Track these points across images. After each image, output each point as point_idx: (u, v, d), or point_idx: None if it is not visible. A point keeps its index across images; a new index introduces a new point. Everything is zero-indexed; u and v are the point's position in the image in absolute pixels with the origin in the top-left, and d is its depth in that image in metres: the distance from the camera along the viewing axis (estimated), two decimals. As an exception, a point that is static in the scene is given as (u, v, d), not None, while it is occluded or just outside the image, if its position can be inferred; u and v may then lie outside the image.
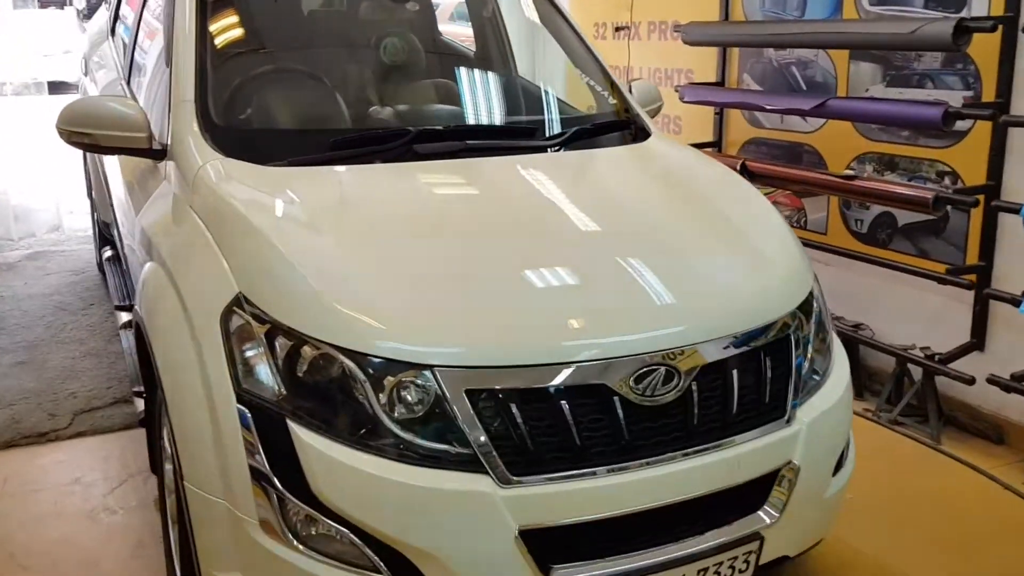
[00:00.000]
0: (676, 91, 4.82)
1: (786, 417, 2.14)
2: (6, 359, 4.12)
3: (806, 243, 4.32)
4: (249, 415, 1.94)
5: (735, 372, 2.08)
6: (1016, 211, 3.28)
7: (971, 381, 3.48)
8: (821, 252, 4.17)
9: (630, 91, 3.30)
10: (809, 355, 2.27)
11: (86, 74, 4.70)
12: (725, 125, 4.89)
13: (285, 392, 1.94)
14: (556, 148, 2.80)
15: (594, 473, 1.91)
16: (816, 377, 2.28)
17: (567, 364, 1.92)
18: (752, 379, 2.11)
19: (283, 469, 1.90)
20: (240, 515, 1.94)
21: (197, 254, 2.24)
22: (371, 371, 1.89)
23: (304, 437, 1.89)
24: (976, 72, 3.49)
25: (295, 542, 1.90)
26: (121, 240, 3.67)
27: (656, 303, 2.09)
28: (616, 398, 1.94)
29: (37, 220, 6.03)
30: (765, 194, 4.50)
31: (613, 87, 3.20)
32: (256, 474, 1.92)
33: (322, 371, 1.93)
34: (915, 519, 3.00)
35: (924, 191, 3.48)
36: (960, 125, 3.48)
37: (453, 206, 2.43)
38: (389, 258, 2.12)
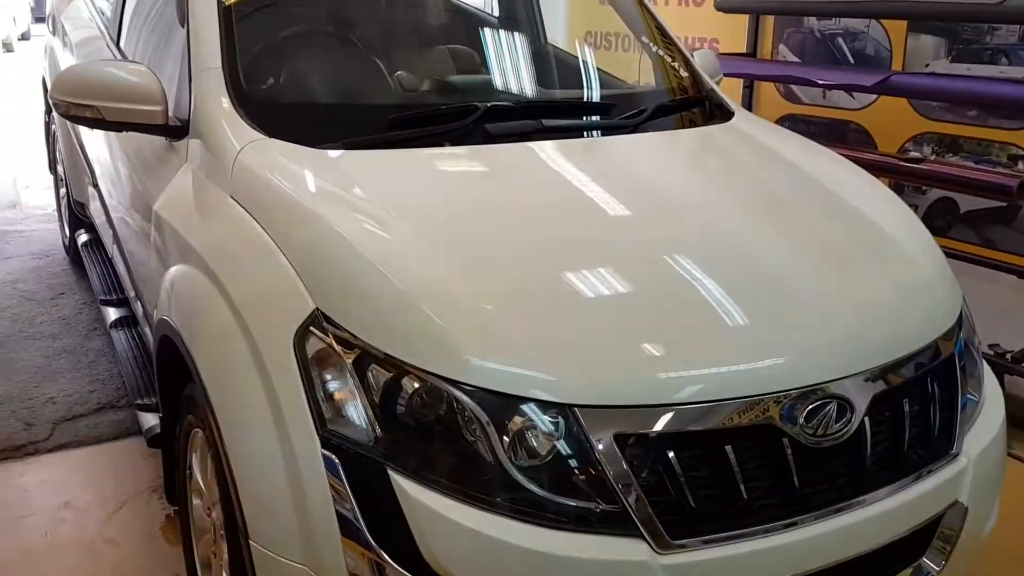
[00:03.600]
0: (704, 63, 4.48)
1: (953, 450, 1.84)
2: (-32, 358, 3.64)
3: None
4: (338, 463, 1.56)
5: (905, 402, 1.76)
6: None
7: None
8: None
9: (693, 62, 2.95)
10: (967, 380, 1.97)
11: (55, 33, 4.17)
12: (756, 99, 4.57)
13: (382, 434, 1.56)
14: (635, 128, 2.43)
15: (766, 532, 1.58)
16: (974, 400, 1.98)
17: (731, 400, 1.58)
18: (920, 409, 1.80)
19: (383, 529, 1.54)
20: (327, 585, 1.57)
21: (250, 256, 1.84)
22: (490, 409, 1.52)
23: (410, 491, 1.52)
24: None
25: (400, 620, 1.54)
26: (112, 225, 3.20)
27: (818, 324, 1.75)
28: (785, 439, 1.61)
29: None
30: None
31: (686, 61, 2.84)
32: (349, 534, 1.55)
33: (429, 409, 1.56)
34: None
35: (1007, 177, 3.20)
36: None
37: (553, 201, 2.02)
38: (500, 270, 1.73)
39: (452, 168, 2.10)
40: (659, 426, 1.53)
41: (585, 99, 2.72)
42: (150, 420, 2.60)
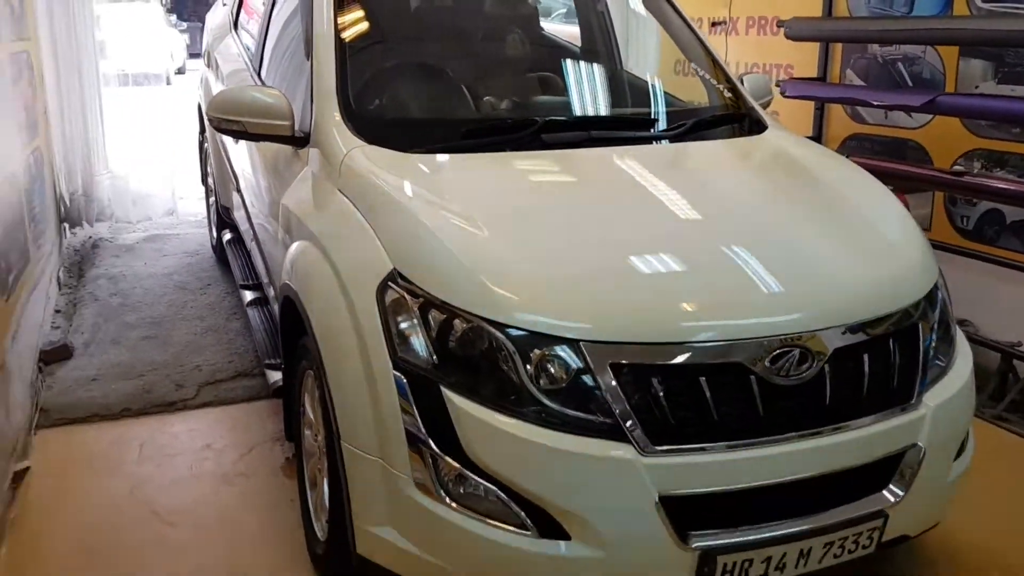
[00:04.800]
0: (777, 86, 4.86)
1: (913, 401, 2.21)
2: (134, 333, 4.37)
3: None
4: (405, 381, 2.08)
5: (866, 356, 2.15)
6: None
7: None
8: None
9: (741, 84, 3.38)
10: (934, 343, 2.34)
11: (208, 65, 4.94)
12: (826, 120, 4.91)
13: (438, 361, 2.07)
14: (677, 139, 2.90)
15: (730, 446, 2.01)
16: (940, 364, 2.34)
17: (707, 343, 2.02)
18: (882, 364, 2.18)
19: (437, 431, 2.03)
20: (395, 472, 2.09)
21: (349, 233, 2.39)
22: (519, 344, 2.01)
23: (458, 402, 2.02)
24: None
25: (447, 499, 2.04)
26: (250, 223, 3.87)
27: (792, 288, 2.18)
28: (752, 377, 2.03)
29: (153, 205, 6.34)
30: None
31: (728, 81, 3.28)
32: (411, 435, 2.06)
33: (472, 343, 2.06)
34: (1020, 512, 3.03)
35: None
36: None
37: (584, 191, 2.55)
38: (531, 238, 2.24)
39: (508, 167, 2.62)
40: (644, 359, 1.99)
41: (631, 114, 3.20)
42: (274, 376, 3.22)
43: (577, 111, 3.13)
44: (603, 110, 3.17)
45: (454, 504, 2.04)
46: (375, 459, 2.14)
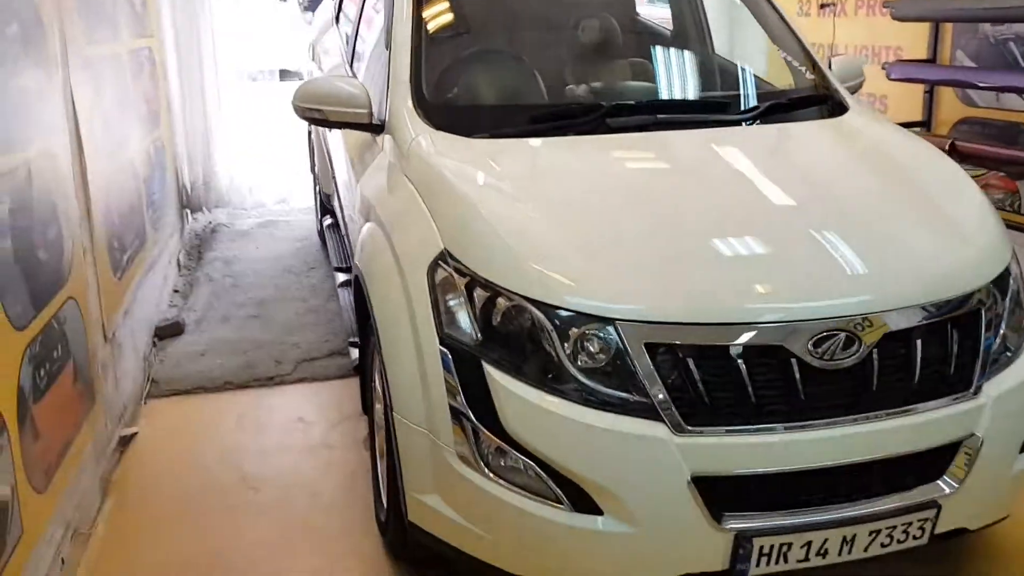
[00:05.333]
0: (883, 68, 4.69)
1: (972, 390, 2.13)
2: (241, 312, 4.64)
3: (1016, 227, 4.12)
4: (450, 357, 2.16)
5: (919, 342, 2.09)
6: None
7: None
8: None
9: (830, 67, 3.29)
10: (1002, 331, 2.24)
11: (313, 59, 5.18)
12: (936, 104, 4.70)
13: (481, 338, 2.14)
14: (749, 122, 2.87)
15: (768, 429, 2.00)
16: (1009, 354, 2.24)
17: (745, 325, 2.02)
18: (937, 350, 2.12)
19: (478, 406, 2.11)
20: (440, 444, 2.18)
21: (409, 215, 2.50)
22: (558, 323, 2.06)
23: (498, 378, 2.09)
24: None
25: (487, 471, 2.11)
26: (342, 209, 4.05)
27: (840, 271, 2.14)
28: (794, 360, 2.01)
29: (267, 193, 6.69)
30: (977, 176, 4.36)
31: (811, 62, 3.20)
32: (454, 409, 2.14)
33: (514, 321, 2.12)
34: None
35: None
36: None
37: (643, 175, 2.56)
38: (580, 221, 2.28)
39: (568, 151, 2.66)
40: (679, 339, 2.01)
41: (702, 98, 3.17)
42: (355, 353, 3.37)
43: (646, 95, 3.12)
44: (674, 94, 3.15)
45: (493, 476, 2.11)
46: (423, 431, 2.23)
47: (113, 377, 3.44)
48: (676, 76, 3.23)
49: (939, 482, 2.14)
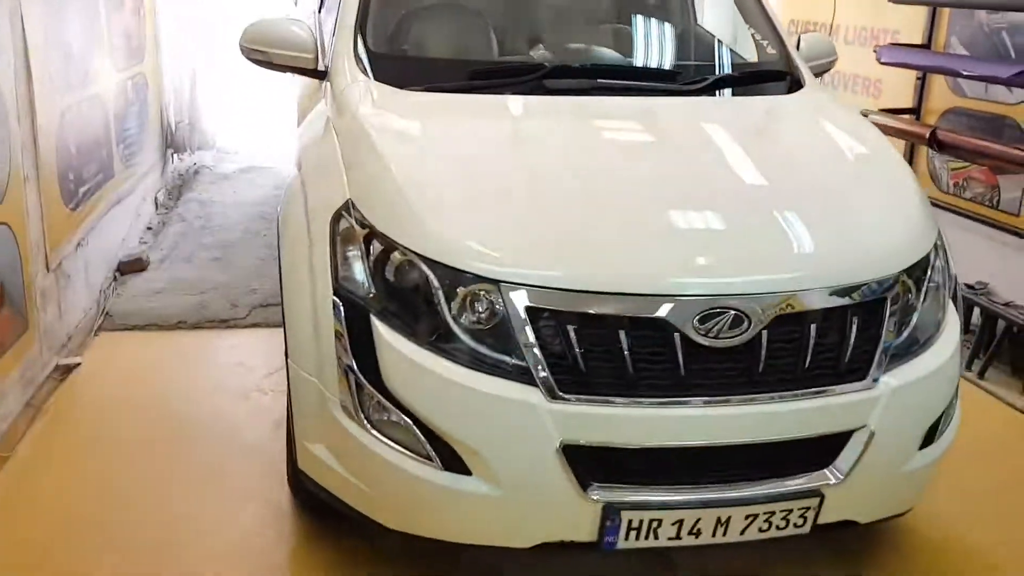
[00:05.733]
0: (874, 52, 4.56)
1: (867, 380, 2.08)
2: (206, 254, 4.65)
3: (992, 224, 4.02)
4: (342, 308, 2.14)
5: (813, 327, 2.03)
6: None
7: None
8: (1010, 236, 3.86)
9: (798, 45, 3.20)
10: (913, 322, 2.18)
11: (296, 5, 5.12)
12: (927, 91, 4.57)
13: (374, 291, 2.12)
14: (692, 94, 2.79)
15: (643, 403, 1.96)
16: (914, 344, 2.18)
17: (628, 296, 1.97)
18: (833, 337, 2.06)
19: (363, 359, 2.09)
20: (327, 394, 2.17)
21: (327, 166, 2.46)
22: (446, 281, 2.03)
23: (384, 333, 2.06)
24: None
25: (367, 424, 2.10)
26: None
27: (737, 248, 2.08)
28: (677, 335, 1.96)
29: (253, 137, 6.65)
30: (958, 169, 4.24)
31: (776, 37, 3.11)
32: (341, 360, 2.12)
33: (406, 276, 2.09)
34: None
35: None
36: None
37: (565, 139, 2.50)
38: (486, 183, 2.24)
39: (494, 110, 2.60)
40: (561, 305, 1.96)
41: (644, 66, 3.09)
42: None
43: (591, 60, 3.04)
44: (623, 61, 3.06)
45: (372, 430, 2.09)
46: (313, 379, 2.22)
47: (56, 307, 3.46)
48: (629, 43, 3.14)
49: (825, 471, 2.09)
